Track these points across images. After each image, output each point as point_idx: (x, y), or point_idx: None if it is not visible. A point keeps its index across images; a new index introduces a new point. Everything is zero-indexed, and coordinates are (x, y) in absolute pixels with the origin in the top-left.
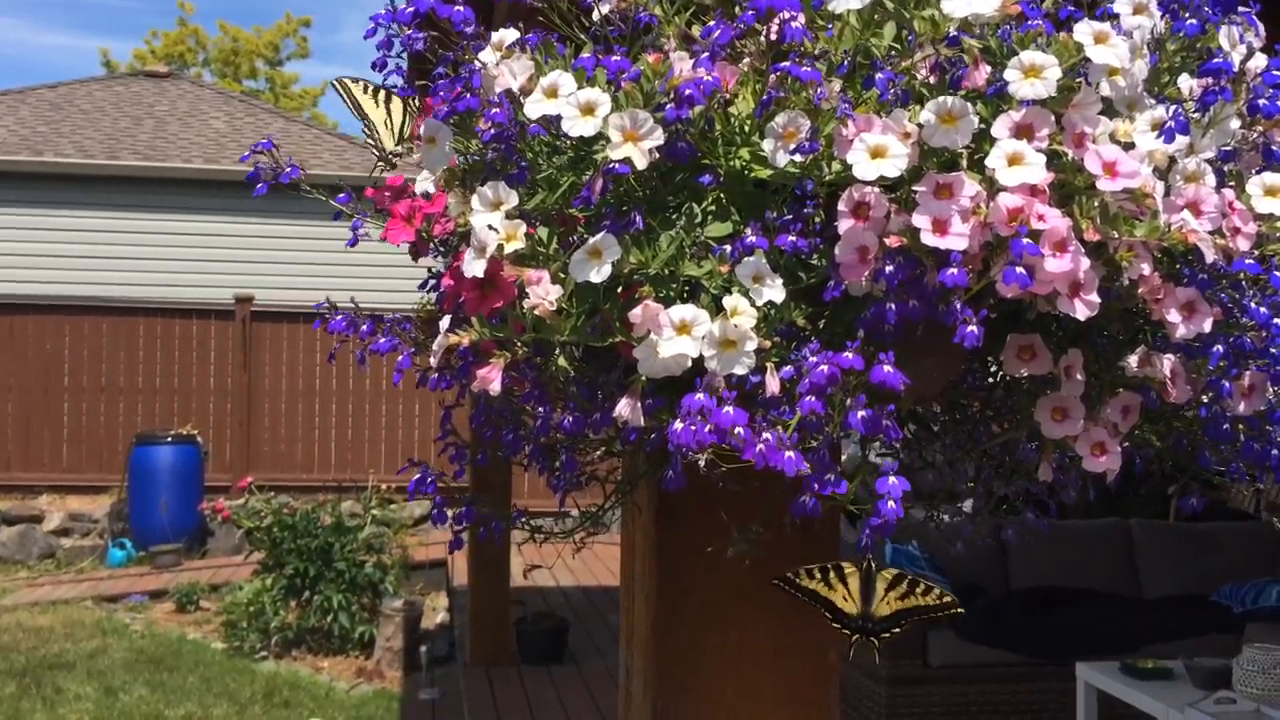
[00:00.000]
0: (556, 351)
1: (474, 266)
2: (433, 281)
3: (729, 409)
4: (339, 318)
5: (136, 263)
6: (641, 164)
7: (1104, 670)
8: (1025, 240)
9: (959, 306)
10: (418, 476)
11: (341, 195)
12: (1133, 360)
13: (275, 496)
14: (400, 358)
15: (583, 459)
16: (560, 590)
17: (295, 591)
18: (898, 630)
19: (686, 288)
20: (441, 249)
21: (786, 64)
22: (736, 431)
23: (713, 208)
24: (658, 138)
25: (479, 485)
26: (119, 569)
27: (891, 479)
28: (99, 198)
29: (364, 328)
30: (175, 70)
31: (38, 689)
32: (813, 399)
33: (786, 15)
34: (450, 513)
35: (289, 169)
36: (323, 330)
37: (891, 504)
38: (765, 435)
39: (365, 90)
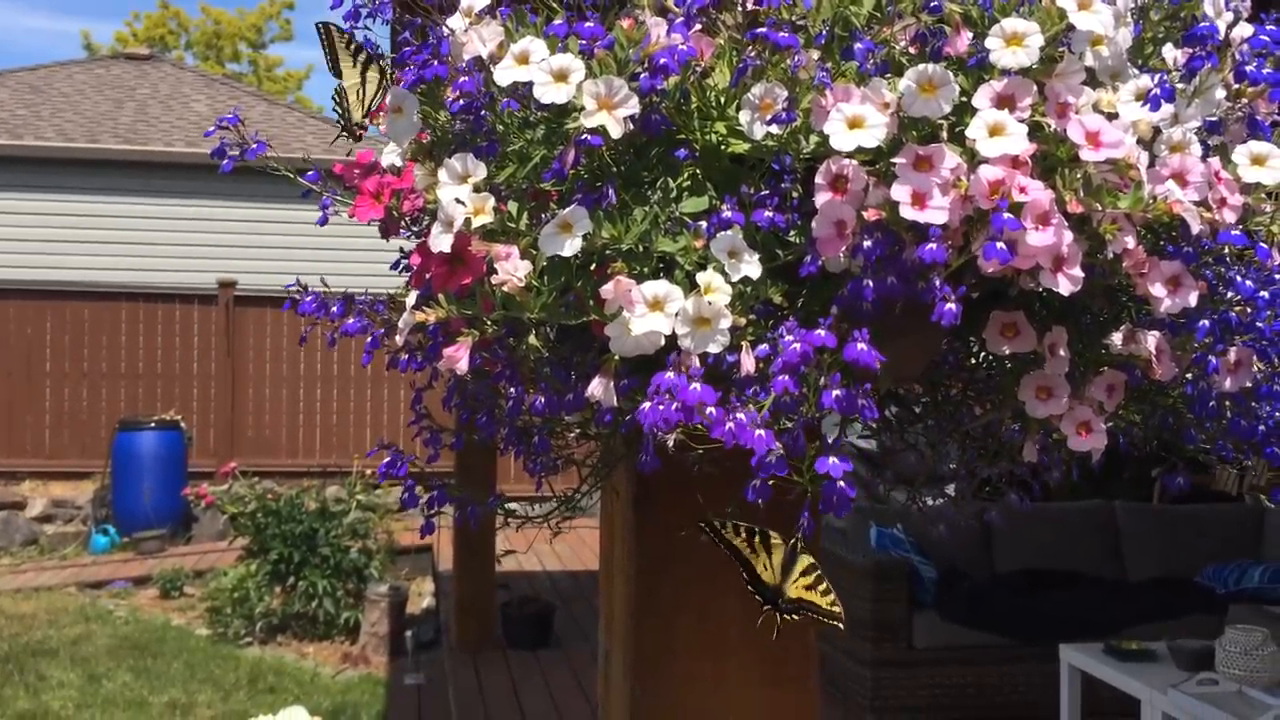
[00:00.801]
0: (528, 329)
1: (441, 241)
2: (404, 262)
3: (696, 386)
4: (309, 299)
5: (119, 247)
6: (616, 133)
7: (1088, 652)
8: (1006, 215)
9: (938, 283)
10: (388, 460)
11: (310, 173)
12: (1117, 337)
13: (259, 482)
14: (369, 339)
15: (558, 441)
16: (546, 574)
17: (280, 577)
18: (796, 618)
19: (661, 265)
20: (413, 227)
21: (763, 29)
22: (705, 410)
23: (688, 183)
24: (633, 106)
25: (461, 470)
26: (102, 555)
27: (832, 459)
28: (80, 181)
29: (334, 309)
30: (156, 53)
31: (21, 675)
32: (786, 378)
33: None
34: (421, 495)
35: (255, 145)
36: (303, 313)
37: (841, 484)
38: (738, 414)
39: (349, 45)
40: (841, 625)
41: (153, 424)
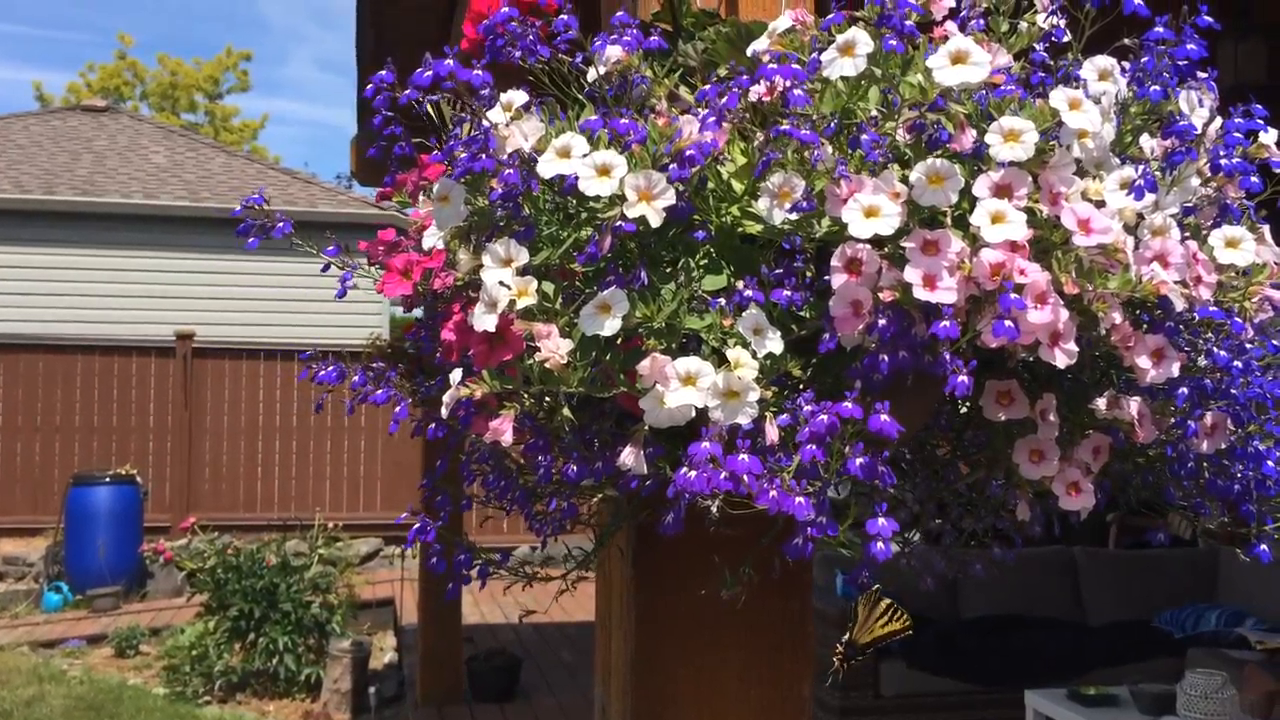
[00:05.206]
0: (560, 402)
1: (485, 321)
2: (417, 330)
3: (744, 456)
4: (330, 368)
5: (75, 299)
6: (656, 222)
7: (1051, 697)
8: (1013, 295)
9: (948, 357)
10: (417, 525)
11: (331, 248)
12: (1101, 403)
13: (219, 536)
14: (398, 408)
15: (578, 502)
16: (511, 627)
17: (239, 633)
18: (864, 657)
19: (684, 339)
20: (424, 298)
21: (787, 126)
22: (747, 479)
23: (704, 261)
24: (670, 197)
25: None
26: (55, 613)
27: (881, 520)
28: (36, 233)
29: (355, 379)
30: (113, 104)
31: None
32: (813, 447)
33: (789, 83)
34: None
35: (281, 223)
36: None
37: (880, 545)
38: (775, 481)
39: None
40: (912, 630)
41: (108, 478)
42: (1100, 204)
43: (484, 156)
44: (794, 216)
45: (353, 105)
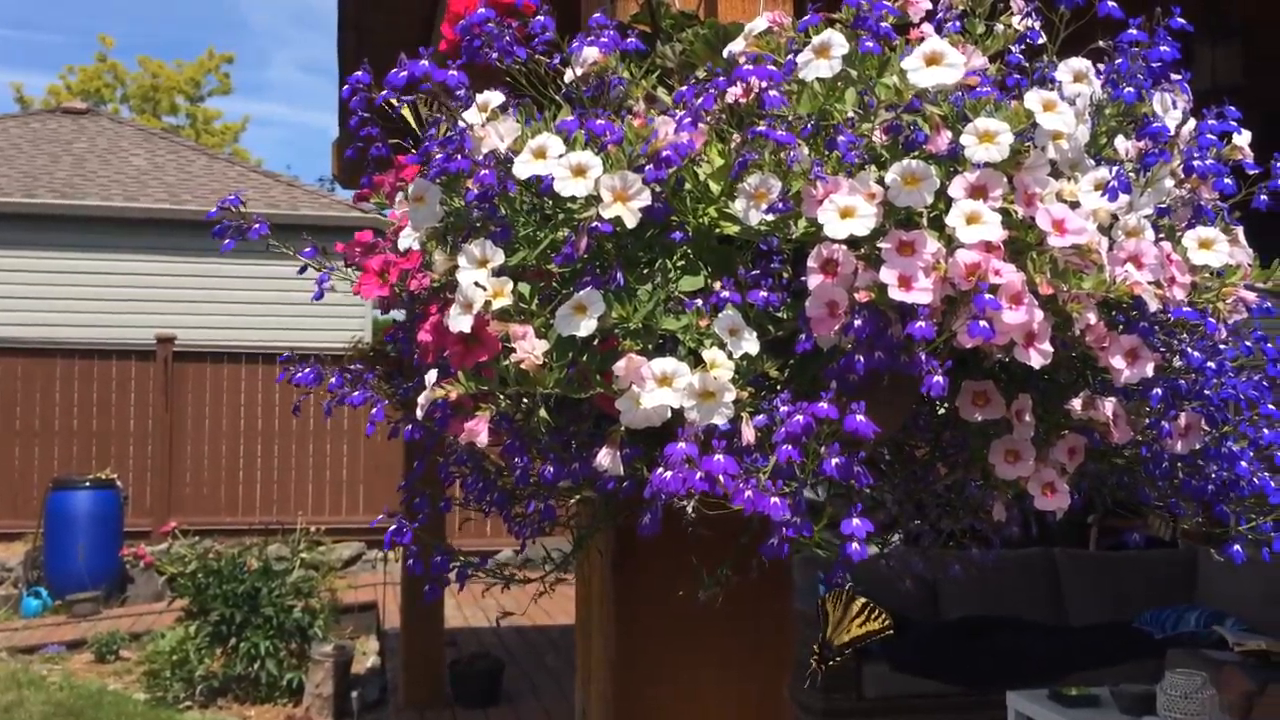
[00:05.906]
0: (537, 403)
1: (461, 322)
2: (396, 332)
3: (720, 457)
4: (307, 370)
5: (54, 302)
6: (631, 223)
7: (1033, 698)
8: (988, 296)
9: (924, 357)
10: (394, 528)
11: (308, 250)
12: (1077, 404)
13: (199, 541)
14: (374, 410)
15: (556, 504)
16: (493, 630)
17: (221, 638)
18: (842, 658)
19: (660, 340)
20: (402, 300)
21: (763, 128)
22: (720, 479)
23: (681, 262)
24: (645, 198)
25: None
26: (34, 619)
27: (855, 520)
28: (15, 236)
29: (332, 380)
30: (93, 107)
31: None
32: (789, 448)
33: (765, 84)
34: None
35: (257, 225)
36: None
37: (856, 545)
38: (751, 482)
39: None
40: (892, 630)
41: (88, 483)
42: (1075, 205)
43: (460, 157)
44: (770, 217)
45: (335, 108)
